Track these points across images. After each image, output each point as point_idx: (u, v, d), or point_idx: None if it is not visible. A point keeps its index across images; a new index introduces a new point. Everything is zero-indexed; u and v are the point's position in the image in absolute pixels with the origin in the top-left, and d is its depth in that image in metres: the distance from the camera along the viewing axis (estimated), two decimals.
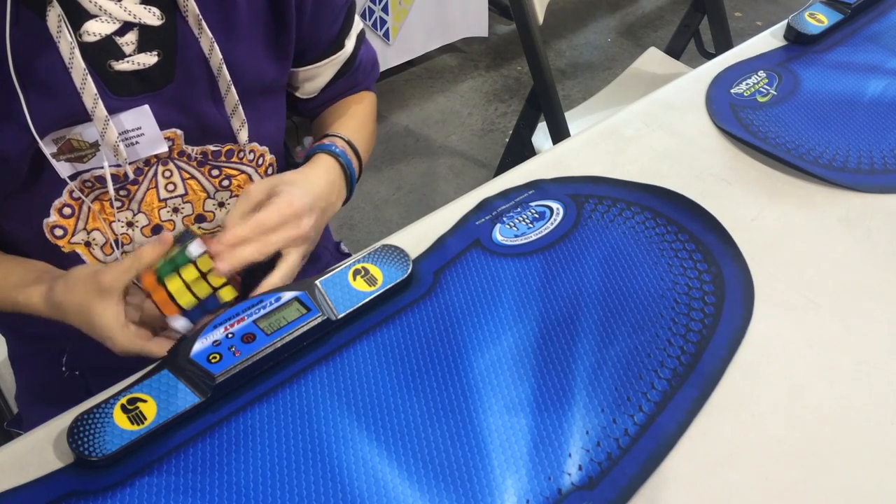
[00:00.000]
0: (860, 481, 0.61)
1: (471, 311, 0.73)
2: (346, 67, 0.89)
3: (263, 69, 0.78)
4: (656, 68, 1.70)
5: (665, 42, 1.88)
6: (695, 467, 0.62)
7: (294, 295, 0.70)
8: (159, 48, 0.70)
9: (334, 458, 0.62)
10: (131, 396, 0.63)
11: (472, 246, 0.80)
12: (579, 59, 2.62)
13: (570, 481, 0.60)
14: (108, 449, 0.60)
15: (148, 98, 0.71)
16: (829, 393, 0.67)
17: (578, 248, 0.80)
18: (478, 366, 0.69)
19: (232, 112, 0.76)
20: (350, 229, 1.98)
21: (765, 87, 1.03)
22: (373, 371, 0.68)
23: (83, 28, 0.66)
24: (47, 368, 0.86)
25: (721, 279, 0.77)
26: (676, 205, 0.85)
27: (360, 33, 0.90)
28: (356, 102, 0.92)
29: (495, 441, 0.63)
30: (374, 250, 0.76)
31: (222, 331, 0.67)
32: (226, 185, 0.81)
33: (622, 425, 0.64)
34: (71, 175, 0.71)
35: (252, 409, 0.65)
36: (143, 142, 0.72)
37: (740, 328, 0.72)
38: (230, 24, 0.73)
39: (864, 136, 0.95)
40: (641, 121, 0.98)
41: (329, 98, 0.91)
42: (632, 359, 0.69)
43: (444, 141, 2.27)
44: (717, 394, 0.67)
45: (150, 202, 0.77)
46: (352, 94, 0.93)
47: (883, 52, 1.10)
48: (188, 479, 0.60)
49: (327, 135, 0.85)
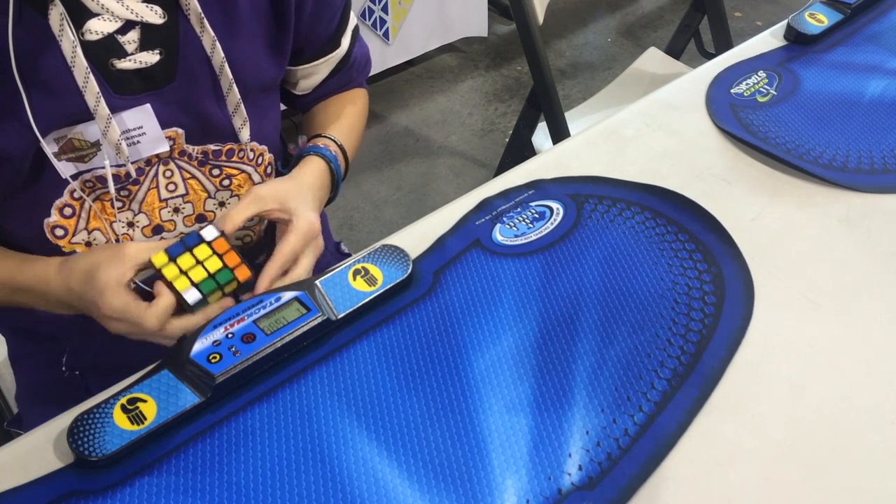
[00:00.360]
0: (860, 481, 0.61)
1: (471, 311, 0.73)
2: (341, 65, 0.90)
3: (263, 68, 0.79)
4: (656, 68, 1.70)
5: (665, 42, 1.88)
6: (695, 467, 0.62)
7: (294, 295, 0.70)
8: (161, 47, 0.70)
9: (334, 458, 0.62)
10: (131, 396, 0.63)
11: (472, 246, 0.80)
12: (579, 59, 2.62)
13: (570, 481, 0.60)
14: (108, 449, 0.60)
15: (150, 97, 0.71)
16: (829, 393, 0.67)
17: (578, 248, 0.80)
18: (478, 366, 0.69)
19: (234, 111, 0.76)
20: (350, 229, 1.98)
21: (765, 87, 1.03)
22: (373, 371, 0.68)
23: (85, 26, 0.66)
24: (47, 368, 0.86)
25: (721, 279, 0.77)
26: (676, 205, 0.85)
27: (355, 29, 0.90)
28: (350, 103, 0.93)
29: (495, 441, 0.63)
30: (374, 250, 0.76)
31: (222, 331, 0.67)
32: (226, 184, 0.81)
33: (622, 425, 0.64)
34: (72, 175, 0.71)
35: (252, 409, 0.65)
36: (144, 141, 0.72)
37: (740, 328, 0.72)
38: (232, 23, 0.73)
39: (864, 136, 0.95)
40: (641, 121, 0.98)
41: (323, 94, 0.92)
42: (632, 359, 0.69)
43: (444, 141, 2.27)
44: (717, 394, 0.67)
45: (151, 202, 0.77)
46: (345, 91, 0.94)
47: (883, 52, 1.10)
48: (188, 479, 0.60)
49: (321, 135, 0.86)
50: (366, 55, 0.94)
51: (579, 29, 2.77)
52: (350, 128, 0.90)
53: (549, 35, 2.70)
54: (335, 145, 0.85)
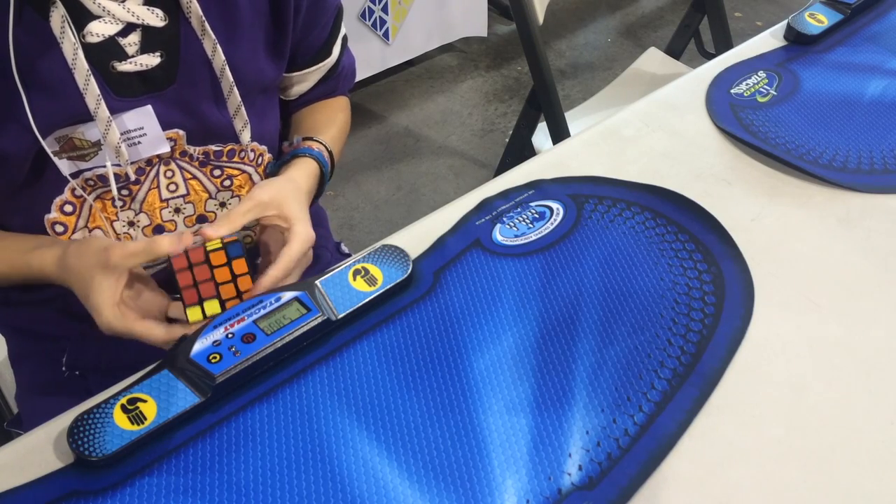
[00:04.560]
0: (860, 481, 0.61)
1: (471, 311, 0.73)
2: (330, 73, 0.91)
3: (263, 70, 0.79)
4: (656, 68, 1.70)
5: (665, 42, 1.88)
6: (695, 467, 0.62)
7: (294, 295, 0.70)
8: (162, 49, 0.70)
9: (334, 458, 0.62)
10: (131, 396, 0.63)
11: (472, 246, 0.80)
12: (579, 59, 2.62)
13: (570, 481, 0.60)
14: (108, 449, 0.60)
15: (150, 99, 0.71)
16: (829, 393, 0.67)
17: (578, 248, 0.80)
18: (478, 366, 0.69)
19: (234, 113, 0.76)
20: (350, 229, 1.98)
21: (765, 87, 1.03)
22: (373, 371, 0.68)
23: (86, 29, 0.66)
24: (47, 368, 0.86)
25: (721, 279, 0.77)
26: (676, 205, 0.85)
27: (344, 38, 0.91)
28: (339, 111, 0.94)
29: (495, 441, 0.63)
30: (374, 250, 0.76)
31: (222, 331, 0.67)
32: (227, 185, 0.81)
33: (622, 425, 0.64)
34: (72, 173, 0.71)
35: (252, 409, 0.65)
36: (145, 142, 0.72)
37: (740, 328, 0.72)
38: (232, 26, 0.73)
39: (864, 137, 0.95)
40: (641, 121, 0.98)
41: (308, 100, 0.93)
42: (632, 359, 0.69)
43: (444, 141, 2.27)
44: (717, 394, 0.67)
45: (152, 202, 0.77)
46: (330, 98, 0.95)
47: (883, 52, 1.10)
48: (188, 479, 0.60)
49: (314, 139, 0.87)
50: (352, 65, 0.96)
51: (579, 29, 2.77)
52: (338, 135, 0.92)
53: (549, 35, 2.70)
54: (326, 151, 0.86)
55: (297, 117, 0.93)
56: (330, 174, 0.88)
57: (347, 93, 0.99)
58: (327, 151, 0.86)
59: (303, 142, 0.86)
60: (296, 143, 0.86)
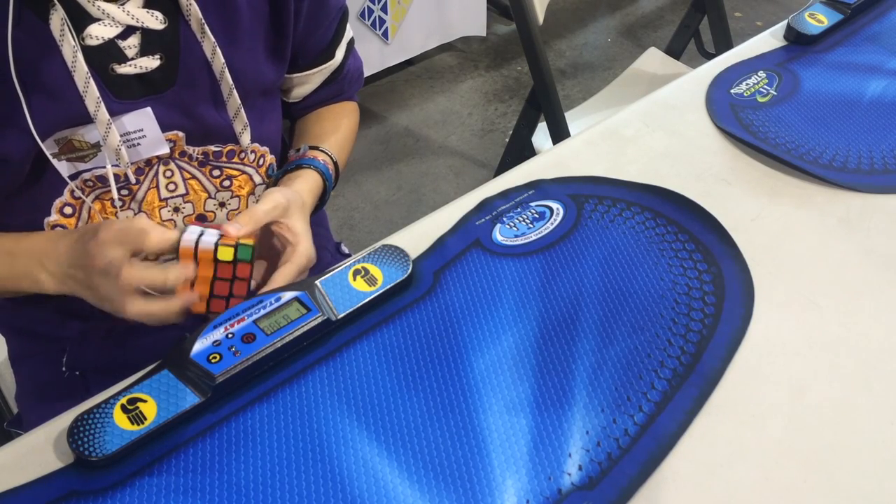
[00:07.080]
0: (860, 481, 0.61)
1: (471, 311, 0.73)
2: (334, 76, 0.90)
3: (263, 72, 0.79)
4: (656, 68, 1.70)
5: (665, 42, 1.88)
6: (695, 467, 0.62)
7: (294, 295, 0.70)
8: (162, 52, 0.70)
9: (334, 458, 0.62)
10: (131, 396, 0.63)
11: (472, 246, 0.80)
12: (579, 59, 2.62)
13: (570, 481, 0.60)
14: (108, 449, 0.60)
15: (150, 101, 0.71)
16: (829, 393, 0.67)
17: (578, 248, 0.80)
18: (478, 366, 0.69)
19: (234, 116, 0.76)
20: (350, 229, 1.98)
21: (765, 87, 1.03)
22: (373, 371, 0.68)
23: (86, 31, 0.66)
24: (47, 368, 0.86)
25: (721, 279, 0.77)
26: (676, 205, 0.85)
27: (350, 42, 0.91)
28: (345, 116, 0.94)
29: (495, 441, 0.63)
30: (374, 250, 0.76)
31: (222, 331, 0.67)
32: (227, 185, 0.81)
33: (622, 425, 0.64)
34: (71, 174, 0.71)
35: (252, 409, 0.65)
36: (144, 143, 0.72)
37: (740, 328, 0.72)
38: (232, 29, 0.73)
39: (864, 137, 0.95)
40: (641, 121, 0.98)
41: (314, 103, 0.92)
42: (632, 359, 0.69)
43: (444, 141, 2.27)
44: (717, 394, 0.67)
45: (151, 202, 0.77)
46: (336, 102, 0.94)
47: (883, 52, 1.10)
48: (188, 479, 0.60)
49: (319, 149, 0.86)
50: (359, 68, 0.95)
51: (579, 29, 2.77)
52: (344, 143, 0.91)
53: (549, 35, 2.70)
54: (332, 164, 0.86)
55: (304, 123, 0.93)
56: (334, 184, 0.87)
57: (356, 97, 0.98)
58: (333, 163, 0.86)
59: (309, 151, 0.86)
60: (302, 151, 0.86)
